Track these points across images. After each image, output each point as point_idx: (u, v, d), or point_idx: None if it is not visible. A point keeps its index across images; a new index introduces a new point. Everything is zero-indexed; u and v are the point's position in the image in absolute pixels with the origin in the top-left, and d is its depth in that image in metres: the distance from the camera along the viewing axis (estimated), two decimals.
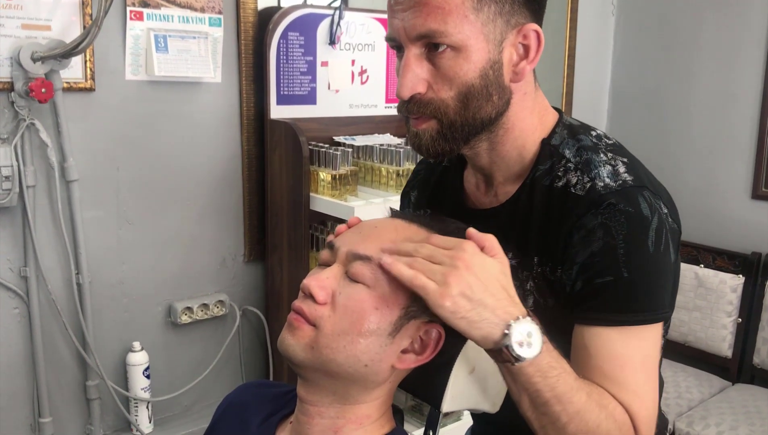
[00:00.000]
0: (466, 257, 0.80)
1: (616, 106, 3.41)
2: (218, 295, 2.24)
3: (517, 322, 0.80)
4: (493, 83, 0.94)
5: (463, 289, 0.79)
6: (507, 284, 0.84)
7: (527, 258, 1.00)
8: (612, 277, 0.90)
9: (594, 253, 0.91)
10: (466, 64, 0.91)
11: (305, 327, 0.84)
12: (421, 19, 0.90)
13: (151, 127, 2.04)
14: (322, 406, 0.88)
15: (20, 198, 1.79)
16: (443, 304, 0.79)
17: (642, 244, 0.90)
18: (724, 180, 3.05)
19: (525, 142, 1.01)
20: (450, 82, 0.92)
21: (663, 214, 0.93)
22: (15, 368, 1.90)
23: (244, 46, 2.16)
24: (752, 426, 2.49)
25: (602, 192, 0.93)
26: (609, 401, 0.88)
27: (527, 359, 0.80)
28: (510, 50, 0.95)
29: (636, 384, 0.90)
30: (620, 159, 0.97)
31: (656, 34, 3.23)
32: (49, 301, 1.90)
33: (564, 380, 0.84)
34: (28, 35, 1.76)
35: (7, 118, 1.78)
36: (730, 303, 2.87)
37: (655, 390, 0.93)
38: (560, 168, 0.98)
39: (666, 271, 0.93)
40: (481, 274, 0.80)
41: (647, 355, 0.92)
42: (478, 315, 0.80)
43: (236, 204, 2.25)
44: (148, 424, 2.10)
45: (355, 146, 2.22)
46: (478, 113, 0.95)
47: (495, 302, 0.81)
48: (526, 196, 1.01)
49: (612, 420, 0.87)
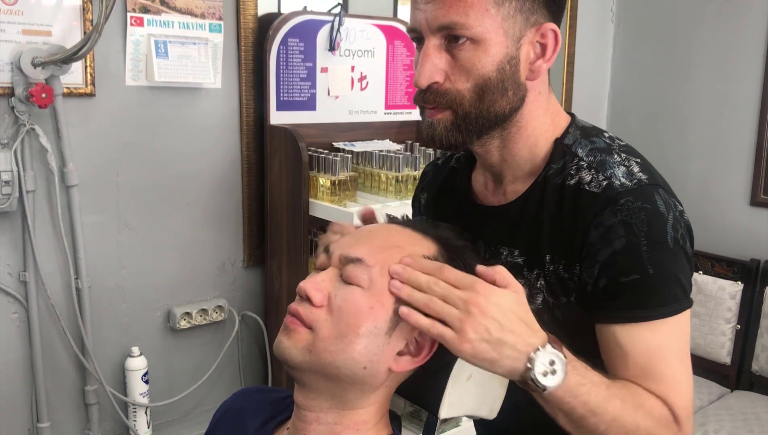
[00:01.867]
0: (480, 301, 0.81)
1: (615, 112, 3.41)
2: (217, 300, 2.24)
3: (537, 353, 0.82)
4: (509, 78, 0.95)
5: (481, 334, 0.80)
6: (524, 314, 0.84)
7: (537, 256, 1.01)
8: (638, 274, 0.92)
9: (617, 252, 0.92)
10: (484, 57, 0.93)
11: (302, 330, 0.85)
12: (444, 10, 0.92)
13: (151, 132, 2.04)
14: (320, 412, 0.88)
15: (20, 203, 1.80)
16: (462, 350, 0.81)
17: (663, 241, 0.92)
18: (722, 187, 3.06)
19: (537, 141, 1.02)
20: (467, 74, 0.94)
21: (678, 211, 0.96)
22: (14, 373, 1.90)
23: (244, 52, 2.16)
24: (751, 433, 2.48)
25: (619, 189, 0.94)
26: (645, 400, 0.90)
27: (553, 388, 0.82)
28: (528, 48, 0.96)
29: (673, 375, 0.93)
30: (634, 159, 0.98)
31: (655, 41, 3.24)
32: (49, 306, 1.90)
33: (595, 393, 0.86)
34: (28, 40, 1.77)
35: (8, 123, 1.78)
36: (728, 310, 2.87)
37: (689, 376, 0.95)
38: (573, 166, 0.99)
39: (685, 263, 0.95)
40: (496, 313, 0.81)
41: (679, 344, 0.94)
42: (499, 354, 0.81)
43: (236, 209, 2.26)
44: (146, 429, 2.10)
45: (355, 152, 2.23)
46: (492, 107, 0.96)
47: (514, 338, 0.82)
48: (537, 194, 1.01)
49: (650, 417, 0.89)
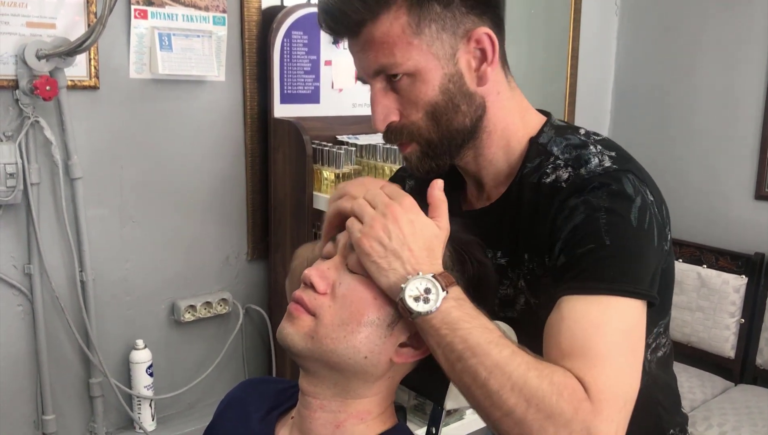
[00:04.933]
0: (397, 210, 0.84)
1: (619, 106, 3.40)
2: (221, 293, 2.24)
3: (417, 277, 0.81)
4: (456, 95, 0.97)
5: (380, 236, 0.82)
6: (435, 247, 0.85)
7: (517, 256, 1.01)
8: (593, 244, 0.88)
9: (576, 227, 0.90)
10: (423, 86, 0.95)
11: (305, 316, 0.85)
12: (372, 55, 0.95)
13: (154, 125, 2.04)
14: (324, 399, 0.89)
15: (24, 195, 1.80)
16: (360, 245, 0.83)
17: (625, 217, 0.89)
18: (727, 180, 3.05)
19: (509, 141, 1.03)
20: (415, 105, 0.96)
21: (648, 199, 0.93)
22: (18, 365, 1.90)
23: (248, 44, 2.16)
24: (755, 427, 2.48)
25: (586, 176, 0.94)
26: (546, 366, 0.79)
27: (421, 314, 0.80)
28: (466, 58, 0.97)
29: (598, 351, 0.80)
30: (608, 153, 0.97)
31: (659, 34, 3.23)
32: (53, 298, 1.91)
33: (479, 333, 0.79)
34: (32, 33, 1.77)
35: (12, 116, 1.78)
36: (733, 304, 2.87)
37: (629, 368, 0.82)
38: (549, 165, 0.99)
39: (648, 250, 0.90)
40: (406, 227, 0.83)
41: (625, 330, 0.83)
42: (388, 264, 0.82)
43: (239, 202, 2.26)
44: (151, 421, 2.11)
45: (359, 145, 2.23)
46: (451, 125, 0.98)
47: (409, 256, 0.82)
48: (515, 193, 1.02)
49: (546, 381, 0.76)
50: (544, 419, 0.74)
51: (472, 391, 0.79)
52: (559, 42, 3.09)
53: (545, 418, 0.74)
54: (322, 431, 0.89)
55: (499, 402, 0.76)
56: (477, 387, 0.78)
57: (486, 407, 0.78)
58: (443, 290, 0.80)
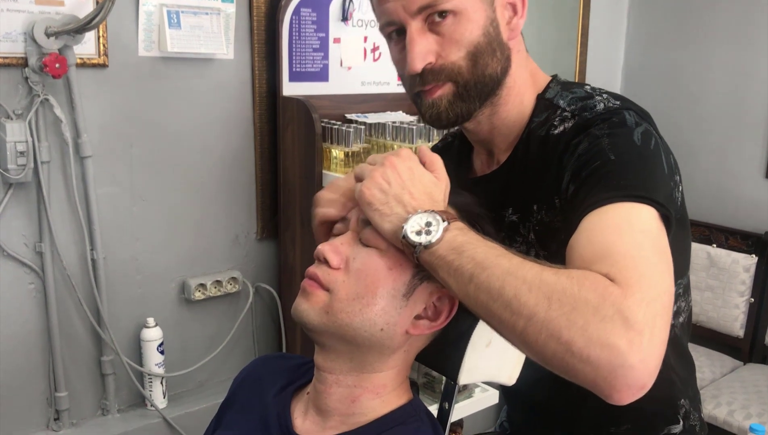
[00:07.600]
0: (395, 160, 0.85)
1: (629, 84, 3.38)
2: (231, 272, 2.24)
3: (418, 213, 0.81)
4: (494, 40, 0.99)
5: (380, 183, 0.84)
6: (434, 193, 0.85)
7: (527, 209, 1.02)
8: (598, 161, 0.88)
9: (580, 154, 0.92)
10: (469, 25, 0.96)
11: (319, 292, 0.85)
12: None
13: (163, 103, 2.04)
14: (340, 374, 0.89)
15: (35, 174, 1.80)
16: (362, 196, 0.84)
17: (628, 137, 0.91)
18: (737, 159, 3.03)
19: (523, 98, 1.05)
20: (458, 45, 0.97)
21: (651, 129, 0.94)
22: (31, 343, 1.91)
23: (257, 22, 2.15)
24: (764, 405, 2.49)
25: (588, 117, 0.96)
26: (561, 266, 0.75)
27: (422, 245, 0.79)
28: (501, 9, 1.00)
29: (622, 250, 0.75)
30: (613, 100, 0.99)
31: (670, 13, 3.19)
32: (64, 276, 1.91)
33: (486, 249, 0.76)
34: (41, 10, 1.76)
35: (22, 94, 1.78)
36: (742, 283, 2.86)
37: (659, 263, 0.75)
38: (556, 118, 1.01)
39: (656, 168, 0.89)
40: (405, 174, 0.84)
41: (648, 231, 0.79)
42: (390, 209, 0.83)
43: (249, 181, 2.25)
44: (162, 399, 2.12)
45: (368, 124, 2.22)
46: (486, 70, 0.99)
47: (410, 199, 0.83)
48: (522, 149, 1.04)
49: (564, 275, 0.71)
50: (570, 312, 0.68)
51: (491, 308, 0.73)
52: (569, 21, 3.06)
53: (571, 310, 0.68)
54: (337, 406, 0.89)
55: (519, 307, 0.71)
56: (493, 300, 0.73)
57: (509, 322, 0.72)
58: (444, 221, 0.79)
